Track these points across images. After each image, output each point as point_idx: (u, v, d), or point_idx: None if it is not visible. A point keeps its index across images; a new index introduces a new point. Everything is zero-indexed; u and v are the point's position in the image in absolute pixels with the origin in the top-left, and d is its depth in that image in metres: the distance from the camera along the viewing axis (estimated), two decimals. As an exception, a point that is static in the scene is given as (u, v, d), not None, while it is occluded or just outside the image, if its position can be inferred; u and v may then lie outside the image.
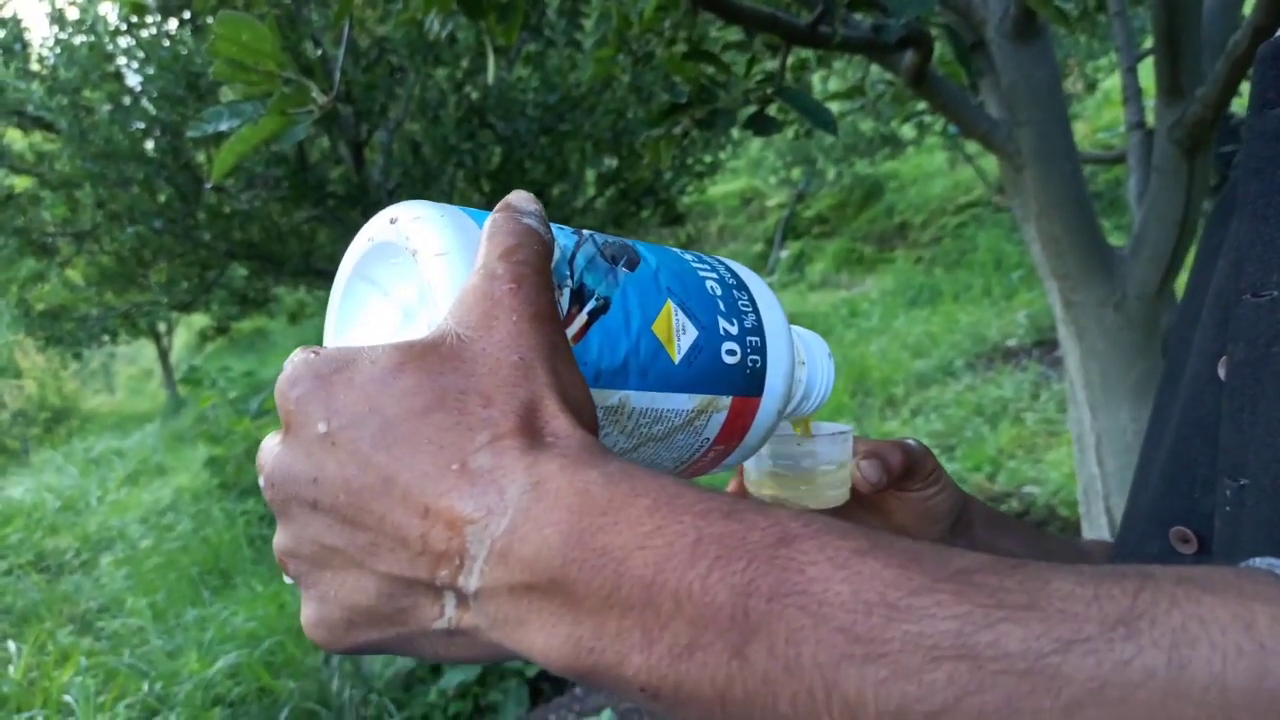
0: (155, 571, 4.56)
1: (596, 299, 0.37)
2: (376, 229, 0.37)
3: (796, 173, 10.79)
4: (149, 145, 4.53)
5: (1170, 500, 0.50)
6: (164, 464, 7.86)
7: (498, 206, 0.35)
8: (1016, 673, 0.23)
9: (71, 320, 6.49)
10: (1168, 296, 1.83)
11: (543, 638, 0.27)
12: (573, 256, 0.37)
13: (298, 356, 0.32)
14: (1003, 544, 0.54)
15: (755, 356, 0.42)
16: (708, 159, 6.23)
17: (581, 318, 0.37)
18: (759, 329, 0.43)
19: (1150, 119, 1.98)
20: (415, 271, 0.35)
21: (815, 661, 0.24)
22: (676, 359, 0.38)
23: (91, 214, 4.90)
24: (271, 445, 0.32)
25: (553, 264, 0.35)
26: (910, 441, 0.53)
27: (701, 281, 0.41)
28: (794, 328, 0.47)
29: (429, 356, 0.31)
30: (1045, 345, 5.41)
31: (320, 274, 6.25)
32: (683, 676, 0.26)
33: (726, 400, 0.41)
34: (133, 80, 4.66)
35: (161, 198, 4.72)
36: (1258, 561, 0.27)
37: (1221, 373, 0.44)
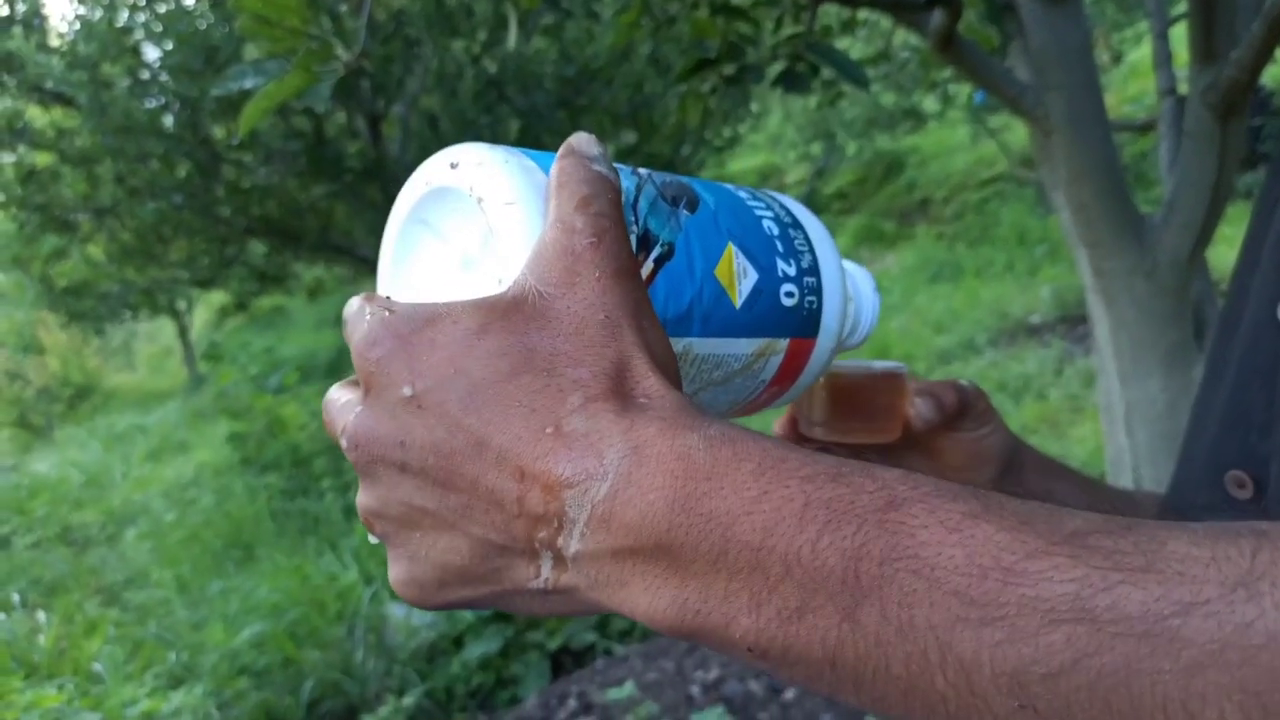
0: (179, 545, 4.61)
1: (661, 245, 0.36)
2: (435, 173, 0.36)
3: (816, 148, 10.71)
4: (167, 120, 4.54)
5: (1227, 445, 0.49)
6: (186, 440, 7.93)
7: (562, 150, 0.35)
8: (1135, 635, 0.23)
9: (93, 296, 6.54)
10: (1199, 265, 1.80)
11: (646, 599, 0.28)
12: (635, 200, 0.37)
13: (371, 313, 0.31)
14: (1055, 489, 0.54)
15: (812, 298, 0.41)
16: (727, 133, 6.18)
17: (648, 265, 0.36)
18: (815, 269, 0.42)
19: (1181, 87, 1.94)
20: (478, 218, 0.34)
21: (929, 624, 0.25)
22: (738, 304, 0.38)
23: (111, 190, 4.92)
24: (348, 402, 0.32)
25: None
26: (963, 381, 0.52)
27: (759, 221, 0.41)
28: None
29: (513, 316, 0.30)
30: (1069, 321, 5.36)
31: (338, 250, 6.26)
32: (792, 639, 0.26)
33: (784, 343, 0.41)
34: (151, 55, 4.66)
35: (180, 173, 4.73)
36: None
37: None
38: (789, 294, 0.40)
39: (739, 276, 0.38)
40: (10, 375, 11.02)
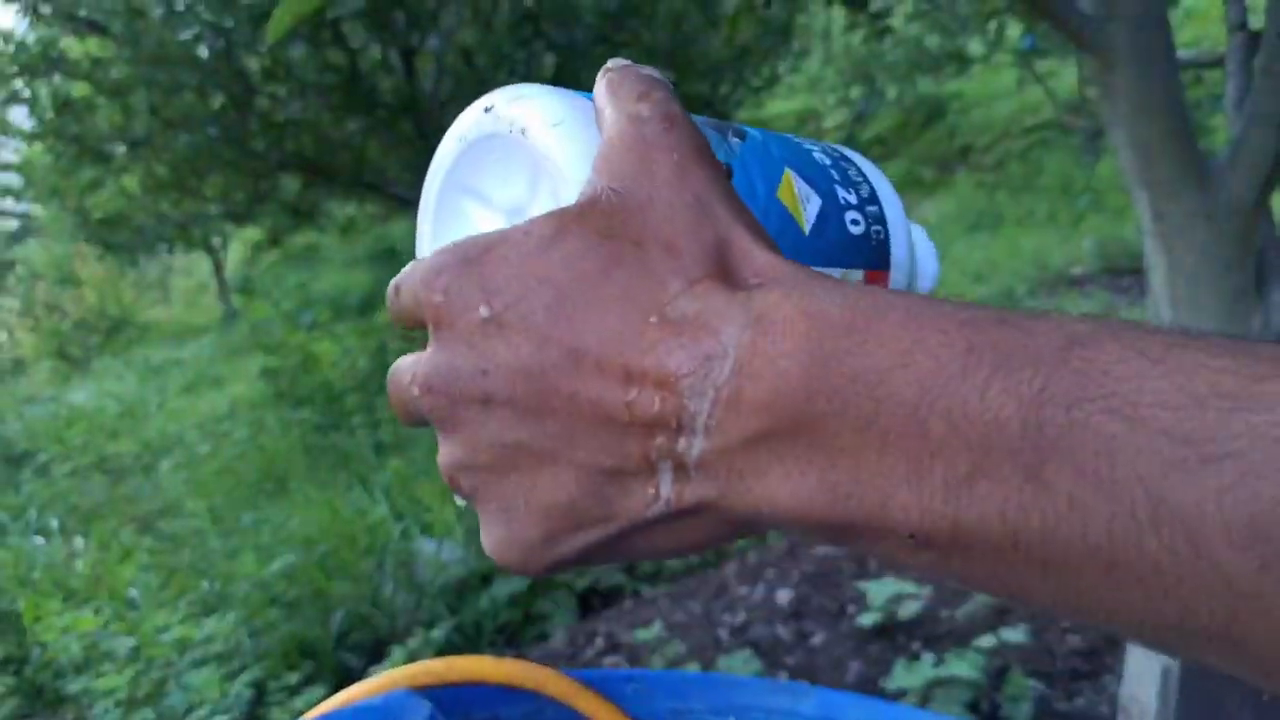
0: (213, 476, 4.67)
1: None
2: (468, 125, 0.33)
3: (856, 91, 10.48)
4: (202, 50, 4.49)
5: None
6: (220, 374, 8.02)
7: (604, 69, 0.31)
8: None
9: (128, 229, 6.56)
10: (1264, 210, 1.72)
11: (788, 489, 0.24)
12: None
13: (430, 255, 0.28)
14: None
15: (878, 227, 0.39)
16: (766, 72, 6.04)
17: None
18: (875, 198, 0.40)
19: (1255, 21, 1.84)
20: (523, 156, 0.31)
21: (1135, 474, 0.20)
22: (806, 229, 0.35)
23: (146, 121, 4.89)
24: (415, 358, 0.28)
25: None
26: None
27: (808, 152, 0.39)
28: None
29: (589, 215, 0.27)
30: (1112, 273, 5.24)
31: (371, 187, 6.22)
32: (962, 512, 0.22)
33: (859, 274, 0.38)
34: (185, -17, 4.60)
35: (214, 105, 4.69)
36: None
37: None
38: (854, 221, 0.38)
39: (802, 201, 0.36)
40: (49, 307, 11.18)
